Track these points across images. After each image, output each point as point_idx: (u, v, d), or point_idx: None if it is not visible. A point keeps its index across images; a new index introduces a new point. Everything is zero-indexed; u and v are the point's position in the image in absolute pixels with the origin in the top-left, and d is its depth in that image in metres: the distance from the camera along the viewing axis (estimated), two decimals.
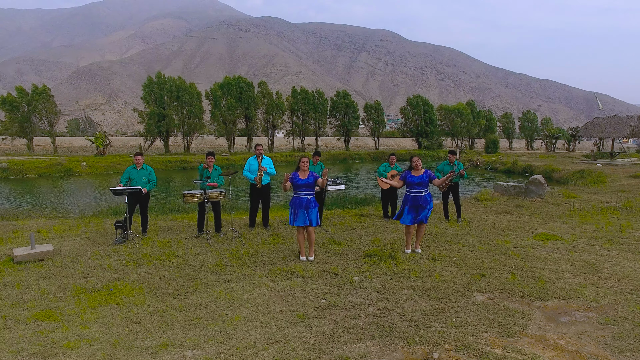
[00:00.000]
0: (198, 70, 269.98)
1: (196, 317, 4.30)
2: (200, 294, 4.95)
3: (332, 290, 5.02)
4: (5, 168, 28.64)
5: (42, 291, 5.06)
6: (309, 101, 50.98)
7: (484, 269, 5.75)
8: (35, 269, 5.92)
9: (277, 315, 4.32)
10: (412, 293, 4.90)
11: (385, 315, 4.28)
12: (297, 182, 6.32)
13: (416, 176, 6.54)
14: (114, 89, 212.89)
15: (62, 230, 8.50)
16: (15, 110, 38.38)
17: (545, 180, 12.52)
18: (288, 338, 3.75)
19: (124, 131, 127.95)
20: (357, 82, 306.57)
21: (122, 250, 6.86)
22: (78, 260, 6.32)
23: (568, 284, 5.21)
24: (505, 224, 8.89)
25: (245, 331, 3.92)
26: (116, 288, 5.17)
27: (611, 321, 4.14)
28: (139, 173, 7.77)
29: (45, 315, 4.35)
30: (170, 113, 42.48)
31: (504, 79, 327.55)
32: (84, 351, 3.53)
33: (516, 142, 65.78)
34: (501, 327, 3.95)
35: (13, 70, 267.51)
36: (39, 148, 43.60)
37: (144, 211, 7.92)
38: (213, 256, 6.55)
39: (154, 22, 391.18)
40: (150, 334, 3.90)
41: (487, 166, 31.97)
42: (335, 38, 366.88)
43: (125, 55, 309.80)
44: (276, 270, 5.80)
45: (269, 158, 8.45)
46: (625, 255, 6.52)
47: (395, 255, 6.34)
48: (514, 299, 4.72)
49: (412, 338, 3.73)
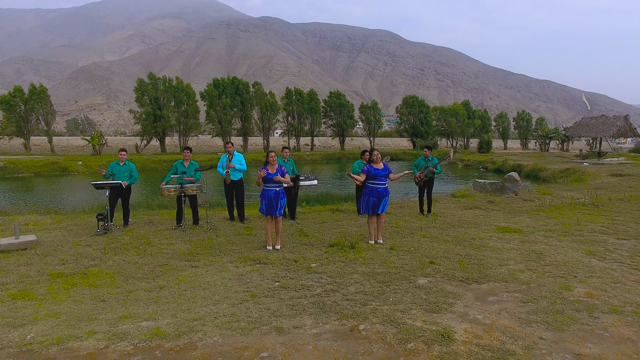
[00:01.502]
0: (197, 70, 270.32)
1: (158, 296, 4.73)
2: (167, 278, 5.38)
3: (288, 275, 5.45)
4: (1, 167, 29.06)
5: (21, 275, 5.49)
6: (303, 101, 51.42)
7: (435, 257, 6.18)
8: (18, 257, 6.35)
9: (232, 294, 4.74)
10: (360, 277, 5.33)
11: (329, 296, 4.70)
12: (267, 176, 6.74)
13: (379, 169, 6.97)
14: (113, 89, 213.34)
15: (48, 224, 8.93)
16: (13, 109, 38.79)
17: (519, 178, 12.95)
18: (235, 313, 4.18)
19: (123, 131, 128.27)
20: (357, 82, 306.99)
21: (102, 241, 7.29)
22: (59, 249, 6.75)
23: (508, 269, 5.64)
24: (472, 218, 9.32)
25: (198, 307, 4.35)
26: (90, 273, 5.59)
27: (532, 300, 4.57)
28: (121, 168, 8.20)
29: (21, 295, 4.77)
30: (166, 113, 42.89)
31: (503, 80, 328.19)
32: (50, 323, 3.96)
33: (512, 143, 66.25)
34: (430, 305, 4.38)
35: (12, 70, 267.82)
36: (36, 148, 44.00)
37: (126, 205, 8.35)
38: (186, 245, 6.99)
39: (153, 22, 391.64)
40: (114, 309, 4.34)
41: (478, 165, 32.41)
42: (334, 38, 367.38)
43: (124, 55, 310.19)
44: (241, 257, 6.23)
45: (241, 154, 8.86)
46: (574, 245, 6.95)
47: (355, 245, 6.77)
48: (453, 283, 5.14)
49: (345, 314, 4.15)
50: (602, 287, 4.95)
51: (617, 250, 6.64)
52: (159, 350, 3.40)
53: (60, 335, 3.65)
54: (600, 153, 29.38)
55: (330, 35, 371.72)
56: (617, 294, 4.74)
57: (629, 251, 6.61)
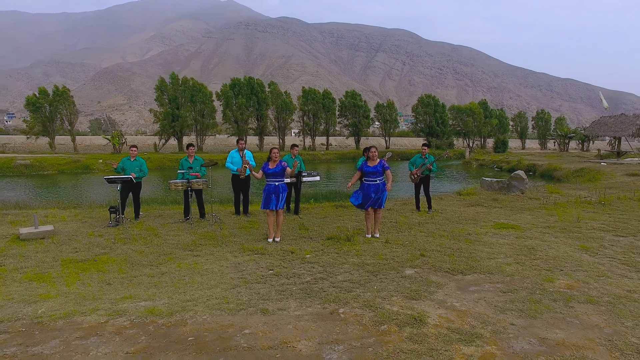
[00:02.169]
0: (216, 71, 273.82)
1: (159, 281, 5.09)
2: (169, 265, 5.75)
3: (282, 264, 5.74)
4: (28, 165, 30.35)
5: (37, 260, 5.95)
6: (318, 101, 51.75)
7: (426, 250, 6.37)
8: (36, 244, 6.83)
9: (227, 280, 5.06)
10: (350, 267, 5.58)
11: (317, 283, 4.97)
12: (267, 171, 7.07)
13: (371, 166, 7.20)
14: (134, 89, 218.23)
15: (66, 217, 9.46)
16: (38, 110, 40.35)
17: (526, 176, 12.94)
18: (227, 296, 4.50)
19: (144, 130, 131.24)
20: (374, 82, 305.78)
21: (113, 232, 7.74)
22: (73, 239, 7.21)
23: (496, 262, 5.80)
24: (472, 215, 9.44)
25: (194, 290, 4.69)
26: (100, 260, 6.01)
27: (512, 290, 4.73)
28: (132, 164, 8.66)
29: (36, 278, 5.21)
30: (184, 113, 43.85)
31: (524, 79, 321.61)
32: (59, 300, 4.35)
33: (531, 143, 65.14)
34: (411, 293, 4.61)
35: (40, 72, 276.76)
36: (61, 147, 45.62)
37: (136, 198, 8.80)
38: (191, 237, 7.36)
39: (173, 24, 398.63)
40: (117, 291, 4.71)
41: (492, 165, 32.12)
42: (352, 38, 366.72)
43: (145, 56, 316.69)
44: (241, 248, 6.56)
45: (249, 152, 9.21)
46: (568, 241, 7.03)
47: (352, 238, 7.01)
48: (438, 273, 5.35)
49: (328, 299, 4.42)
50: (585, 280, 5.07)
51: (612, 247, 6.70)
52: (153, 325, 3.74)
53: (66, 311, 4.03)
54: (619, 153, 28.73)
55: (347, 35, 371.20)
56: (598, 286, 4.86)
57: (623, 247, 6.66)
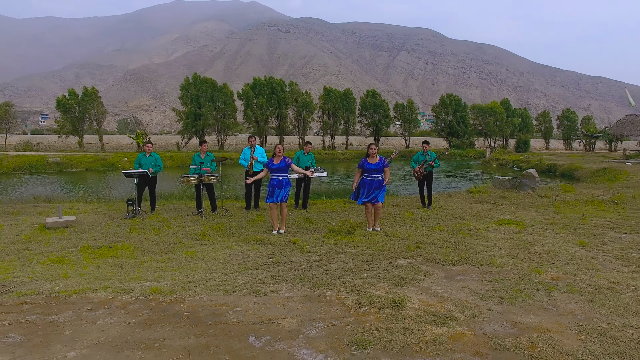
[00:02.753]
0: (239, 71, 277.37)
1: (166, 265, 5.50)
2: (177, 252, 6.17)
3: (282, 253, 6.07)
4: (58, 162, 31.84)
5: (59, 246, 6.47)
6: (338, 100, 51.95)
7: (423, 243, 6.58)
8: (59, 232, 7.39)
9: (228, 266, 5.43)
10: (346, 257, 5.85)
11: (312, 270, 5.27)
12: (271, 166, 7.42)
13: (372, 163, 7.44)
14: (159, 90, 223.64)
15: (89, 209, 10.08)
16: (68, 111, 42.14)
17: (537, 175, 12.87)
18: (225, 279, 4.85)
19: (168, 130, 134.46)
20: (397, 81, 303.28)
21: (130, 223, 8.25)
22: (93, 228, 7.75)
23: (489, 255, 5.95)
24: (477, 212, 9.53)
25: (196, 274, 5.07)
26: (115, 247, 6.49)
27: (498, 280, 4.91)
28: (148, 159, 9.17)
29: (57, 261, 5.71)
30: (206, 112, 44.88)
31: (551, 77, 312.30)
32: (75, 280, 4.80)
33: (556, 143, 63.44)
34: (398, 280, 4.84)
35: (72, 74, 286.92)
36: (89, 145, 47.44)
37: (152, 192, 9.31)
38: (201, 228, 7.78)
39: (198, 26, 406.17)
40: (127, 273, 5.14)
41: (512, 164, 31.63)
42: (374, 37, 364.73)
43: (170, 57, 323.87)
44: (246, 238, 6.93)
45: (262, 148, 9.59)
46: (568, 237, 7.09)
47: (352, 231, 7.28)
48: (429, 264, 5.56)
49: (319, 283, 4.71)
50: (573, 272, 5.19)
51: (612, 243, 6.73)
52: (154, 301, 4.12)
53: (80, 288, 4.47)
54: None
55: (370, 35, 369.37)
56: (584, 278, 4.97)
57: (623, 244, 6.68)
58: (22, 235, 7.26)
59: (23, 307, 4.03)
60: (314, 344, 3.33)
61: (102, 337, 3.40)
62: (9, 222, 8.39)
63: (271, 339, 3.40)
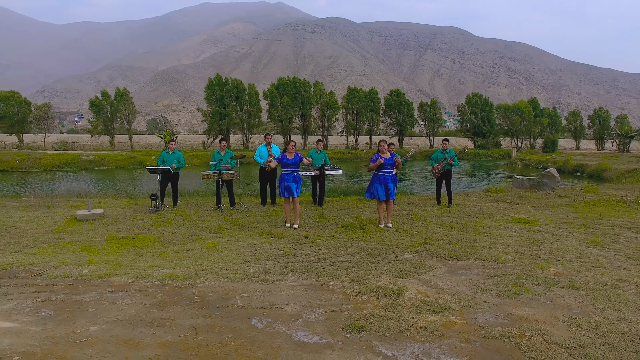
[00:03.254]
0: (265, 72, 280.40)
1: (183, 255, 5.86)
2: (195, 244, 6.52)
3: (293, 246, 6.33)
4: (91, 160, 33.33)
5: (87, 236, 6.96)
6: (362, 100, 51.94)
7: (432, 239, 6.69)
8: (88, 224, 7.91)
9: (240, 257, 5.73)
10: (354, 251, 6.06)
11: (319, 262, 5.50)
12: (285, 161, 7.70)
13: (386, 158, 7.60)
14: (187, 90, 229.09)
15: (116, 204, 10.66)
16: (100, 111, 43.96)
17: (558, 174, 12.66)
18: (236, 269, 5.15)
19: (195, 130, 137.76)
20: (423, 81, 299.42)
21: (153, 216, 8.71)
22: (119, 221, 8.24)
23: (495, 251, 6.02)
24: (492, 210, 9.52)
25: (209, 263, 5.39)
26: (138, 238, 6.91)
27: (500, 275, 5.00)
28: (171, 156, 9.64)
29: (85, 249, 6.16)
30: (231, 112, 45.85)
31: (585, 75, 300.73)
32: (100, 266, 5.21)
33: (588, 143, 61.31)
34: (401, 273, 5.01)
35: (106, 76, 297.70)
36: (120, 144, 49.33)
37: (175, 188, 9.78)
38: (218, 222, 8.15)
39: (225, 27, 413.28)
40: (147, 261, 5.52)
41: (538, 165, 30.89)
42: (400, 37, 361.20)
43: (198, 58, 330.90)
44: (260, 232, 7.23)
45: (277, 146, 9.90)
46: (581, 236, 7.05)
47: (364, 227, 7.47)
48: (434, 258, 5.69)
49: (324, 274, 4.94)
50: (578, 269, 5.21)
51: (626, 242, 6.65)
52: (168, 286, 4.46)
53: (104, 273, 4.86)
54: None
55: (396, 34, 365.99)
56: (588, 275, 5.00)
57: (637, 244, 6.60)
58: (55, 226, 7.82)
59: (54, 288, 4.45)
60: (312, 327, 3.56)
61: (120, 315, 3.75)
62: (44, 214, 9.01)
63: (272, 322, 3.65)
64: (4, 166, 29.04)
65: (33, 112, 44.84)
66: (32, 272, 4.98)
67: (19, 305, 3.98)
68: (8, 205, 10.45)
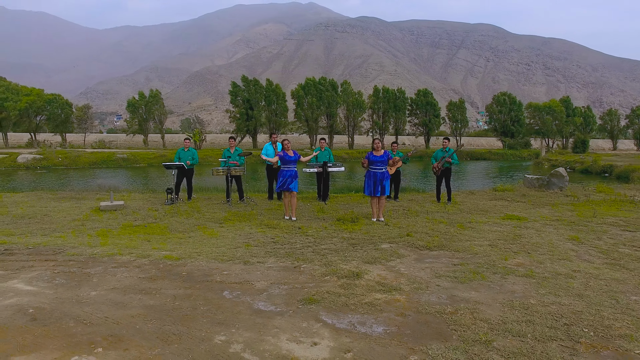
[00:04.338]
0: (296, 72, 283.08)
1: (184, 241, 6.58)
2: (197, 232, 7.25)
3: (284, 235, 6.93)
4: (125, 158, 35.29)
5: (106, 224, 7.84)
6: (390, 99, 51.96)
7: (416, 232, 7.12)
8: (109, 214, 8.84)
9: (234, 243, 6.39)
10: (338, 240, 6.59)
11: (302, 249, 6.08)
12: (287, 158, 8.33)
13: (377, 156, 8.08)
14: (220, 91, 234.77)
15: (137, 197, 11.64)
16: (136, 111, 46.29)
17: (566, 174, 12.63)
18: (226, 252, 5.81)
19: (227, 129, 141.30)
20: (455, 80, 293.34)
21: (167, 208, 9.56)
22: (136, 212, 9.13)
23: (470, 244, 6.39)
24: (488, 208, 9.77)
25: (203, 247, 6.08)
26: (150, 226, 7.73)
27: (463, 264, 5.40)
28: (185, 153, 10.48)
29: (101, 234, 7.01)
30: (257, 113, 47.13)
31: (630, 71, 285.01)
32: (110, 247, 6.01)
33: (627, 143, 58.61)
34: (370, 259, 5.51)
35: (143, 77, 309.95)
36: (153, 143, 51.70)
37: (189, 183, 10.61)
38: (225, 214, 8.88)
39: (257, 28, 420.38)
40: (152, 244, 6.28)
41: (565, 165, 30.09)
42: (432, 35, 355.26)
43: (231, 59, 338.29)
44: (259, 223, 7.89)
45: (281, 145, 10.51)
46: (564, 232, 7.26)
47: (356, 220, 7.98)
48: (408, 248, 6.14)
49: (300, 258, 5.51)
50: (541, 261, 5.53)
51: (608, 239, 6.82)
52: (162, 264, 5.17)
53: (112, 253, 5.65)
54: None
55: (428, 32, 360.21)
56: (549, 266, 5.31)
57: (619, 240, 6.75)
58: (81, 215, 8.78)
59: (69, 263, 5.25)
60: (272, 299, 4.15)
61: (117, 285, 4.48)
62: (74, 205, 10.05)
63: (240, 294, 4.27)
64: (49, 163, 31.36)
65: (75, 113, 47.75)
66: (54, 250, 5.83)
67: (39, 275, 4.79)
68: (45, 197, 11.63)
